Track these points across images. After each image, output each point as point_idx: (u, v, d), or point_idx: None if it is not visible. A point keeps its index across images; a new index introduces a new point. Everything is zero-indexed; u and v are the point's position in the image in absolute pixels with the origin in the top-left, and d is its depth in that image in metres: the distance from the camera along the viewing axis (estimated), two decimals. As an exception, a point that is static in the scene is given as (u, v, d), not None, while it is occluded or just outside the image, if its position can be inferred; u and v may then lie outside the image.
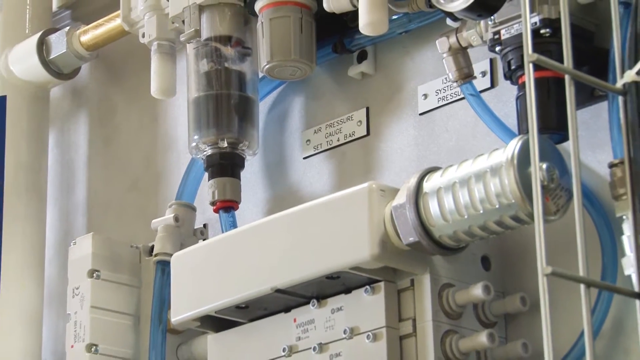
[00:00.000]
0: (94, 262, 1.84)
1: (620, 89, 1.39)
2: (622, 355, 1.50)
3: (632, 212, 1.36)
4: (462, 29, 1.62)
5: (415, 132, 1.75)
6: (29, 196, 2.05)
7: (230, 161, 1.80)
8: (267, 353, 1.64)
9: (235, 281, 1.64)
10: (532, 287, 1.52)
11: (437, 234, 1.50)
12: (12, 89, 2.09)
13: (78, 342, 1.82)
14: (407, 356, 1.54)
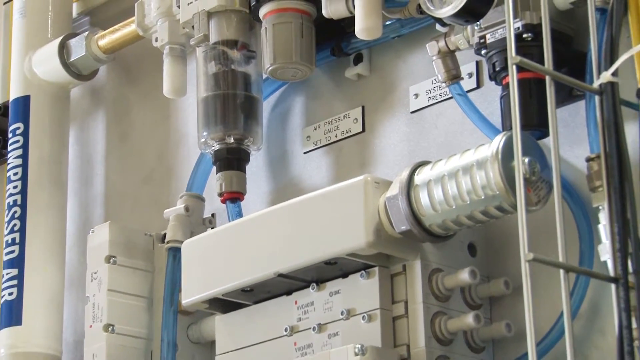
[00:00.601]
0: (111, 248, 1.84)
1: (597, 89, 1.38)
2: (598, 335, 1.50)
3: (608, 202, 1.36)
4: (451, 33, 1.62)
5: (407, 128, 1.75)
6: (51, 188, 2.05)
7: (236, 156, 1.79)
8: (271, 332, 1.63)
9: (241, 266, 1.64)
10: (515, 272, 1.52)
11: (427, 222, 1.50)
12: (35, 89, 2.08)
13: (96, 322, 1.82)
14: (400, 336, 1.54)
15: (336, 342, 1.56)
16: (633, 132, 1.40)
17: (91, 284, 1.84)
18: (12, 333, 1.97)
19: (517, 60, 1.32)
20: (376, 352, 1.50)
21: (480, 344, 1.56)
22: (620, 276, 1.33)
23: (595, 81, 1.38)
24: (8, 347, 1.96)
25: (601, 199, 1.42)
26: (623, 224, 1.34)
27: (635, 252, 1.33)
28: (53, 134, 2.07)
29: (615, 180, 1.35)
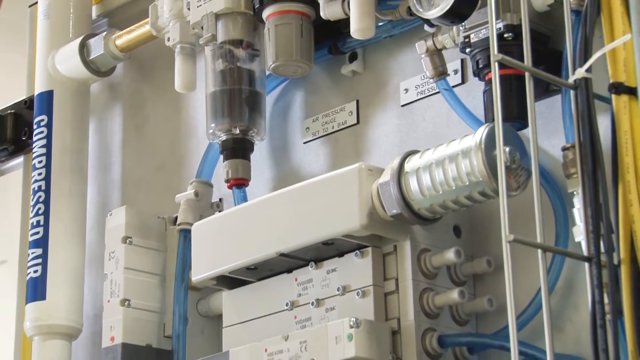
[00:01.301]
0: (127, 230, 1.84)
1: (572, 84, 1.38)
2: (573, 309, 1.50)
3: (582, 188, 1.36)
4: (438, 33, 1.61)
5: (398, 121, 1.74)
6: (72, 175, 2.04)
7: (241, 145, 1.79)
8: (273, 307, 1.63)
9: (246, 246, 1.64)
10: (496, 251, 1.53)
11: (416, 206, 1.50)
12: (58, 85, 2.07)
13: (113, 297, 1.82)
14: (391, 310, 1.53)
15: (333, 316, 1.56)
16: (605, 123, 1.38)
17: (109, 263, 1.84)
18: (37, 307, 1.96)
19: (499, 58, 1.32)
20: (369, 325, 1.50)
21: (464, 317, 1.56)
22: (593, 255, 1.33)
23: (571, 77, 1.38)
24: (33, 320, 1.96)
25: (575, 184, 1.42)
26: (596, 207, 1.34)
27: (607, 234, 1.33)
28: (74, 126, 2.07)
29: (588, 168, 1.35)
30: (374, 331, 1.50)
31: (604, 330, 1.30)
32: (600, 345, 1.30)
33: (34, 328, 1.96)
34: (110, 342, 1.80)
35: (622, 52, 1.36)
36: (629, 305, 1.31)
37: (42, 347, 1.95)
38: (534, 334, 1.46)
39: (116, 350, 1.78)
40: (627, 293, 1.31)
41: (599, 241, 1.33)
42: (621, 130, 1.34)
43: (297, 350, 1.54)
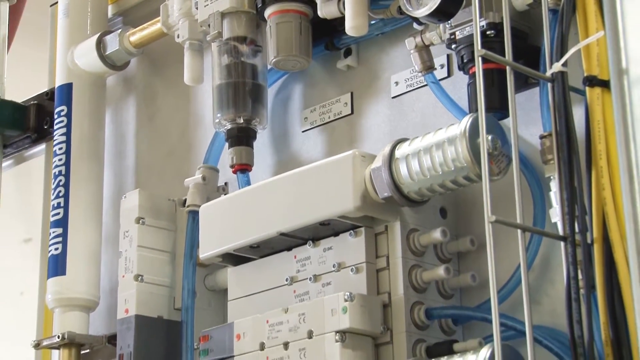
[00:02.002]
0: (140, 211, 1.83)
1: (549, 77, 1.38)
2: (549, 284, 1.49)
3: (558, 173, 1.36)
4: (426, 31, 1.61)
5: (388, 111, 1.73)
6: (90, 161, 2.03)
7: (245, 134, 1.78)
8: (274, 282, 1.63)
9: (249, 227, 1.63)
10: (479, 231, 1.53)
11: (405, 190, 1.49)
12: (76, 78, 2.06)
13: (128, 273, 1.81)
14: (382, 285, 1.53)
15: (329, 290, 1.55)
16: (579, 114, 1.38)
17: (124, 241, 1.84)
18: (57, 282, 1.96)
19: (482, 53, 1.32)
20: (362, 298, 1.50)
21: (449, 291, 1.55)
22: (568, 235, 1.33)
23: (548, 71, 1.38)
24: (54, 293, 1.95)
25: (552, 170, 1.42)
26: (571, 191, 1.34)
27: (581, 215, 1.34)
28: (91, 115, 2.06)
29: (564, 154, 1.35)
30: (366, 304, 1.50)
31: (578, 303, 1.30)
32: (574, 317, 1.30)
33: (55, 301, 1.95)
34: (125, 314, 1.79)
35: (596, 48, 1.36)
36: (601, 281, 1.31)
37: (63, 318, 1.95)
38: (513, 306, 1.46)
39: (130, 321, 1.78)
40: (599, 269, 1.31)
41: (574, 222, 1.33)
42: (594, 120, 1.34)
43: (296, 321, 1.54)
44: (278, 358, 1.54)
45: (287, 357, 1.53)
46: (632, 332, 1.27)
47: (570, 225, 1.33)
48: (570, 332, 1.29)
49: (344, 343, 1.48)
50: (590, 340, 1.29)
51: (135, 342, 1.76)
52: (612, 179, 1.31)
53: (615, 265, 1.30)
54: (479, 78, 1.32)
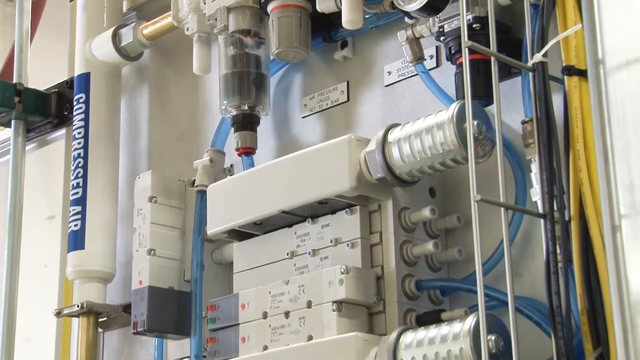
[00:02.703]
0: (153, 191, 1.83)
1: (531, 67, 1.38)
2: (529, 258, 1.49)
3: (538, 155, 1.36)
4: (416, 24, 1.61)
5: (382, 99, 1.72)
6: (106, 144, 2.03)
7: (249, 119, 1.77)
8: (276, 256, 1.62)
9: (253, 205, 1.63)
10: (465, 209, 1.52)
11: (397, 171, 1.49)
12: (94, 68, 2.05)
13: (141, 247, 1.81)
14: (376, 259, 1.53)
15: (327, 264, 1.55)
16: (558, 101, 1.38)
17: (137, 218, 1.83)
18: (77, 255, 1.95)
19: (469, 45, 1.32)
20: (357, 271, 1.49)
21: (438, 265, 1.55)
22: (547, 213, 1.33)
23: (530, 61, 1.38)
24: (74, 266, 1.95)
25: (533, 153, 1.41)
26: (550, 172, 1.34)
27: (559, 194, 1.33)
28: (108, 102, 2.05)
29: (544, 138, 1.35)
30: (361, 277, 1.49)
31: (557, 276, 1.30)
32: (553, 289, 1.29)
33: (75, 273, 1.95)
34: (139, 285, 1.79)
35: (574, 40, 1.36)
36: (577, 255, 1.31)
37: (82, 289, 1.95)
38: (496, 279, 1.45)
39: (143, 292, 1.78)
40: (576, 245, 1.31)
41: (553, 201, 1.33)
42: (572, 107, 1.34)
43: (296, 292, 1.53)
44: (279, 326, 1.54)
45: (287, 325, 1.53)
46: (607, 303, 1.26)
47: (550, 204, 1.32)
48: (549, 302, 1.29)
49: (340, 312, 1.48)
50: (567, 310, 1.29)
51: (148, 311, 1.76)
52: (588, 161, 1.31)
53: (591, 240, 1.30)
54: (466, 68, 1.32)
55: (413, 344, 1.40)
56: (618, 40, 1.29)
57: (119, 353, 1.99)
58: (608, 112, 1.26)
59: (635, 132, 1.27)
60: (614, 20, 1.29)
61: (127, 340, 1.98)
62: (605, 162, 1.24)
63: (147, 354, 1.93)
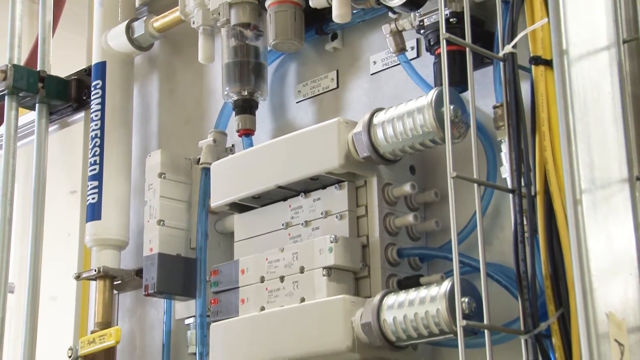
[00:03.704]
0: (162, 168, 1.81)
1: (501, 57, 1.37)
2: (499, 229, 1.49)
3: (507, 137, 1.35)
4: (399, 18, 1.59)
5: (368, 85, 1.71)
6: (121, 127, 2.01)
7: (249, 104, 1.76)
8: (272, 226, 1.61)
9: (252, 180, 1.62)
10: (442, 185, 1.52)
11: (382, 151, 1.48)
12: (109, 57, 2.03)
13: (152, 218, 1.80)
14: (362, 229, 1.52)
15: (317, 234, 1.54)
16: (526, 87, 1.37)
17: (148, 192, 1.82)
18: (94, 225, 1.94)
19: (446, 37, 1.31)
20: (345, 240, 1.49)
21: (417, 235, 1.54)
22: (516, 188, 1.32)
23: (501, 52, 1.37)
24: (92, 235, 1.94)
25: (503, 134, 1.41)
26: (518, 152, 1.33)
27: (526, 172, 1.33)
28: (122, 88, 2.02)
29: (513, 122, 1.34)
30: (348, 245, 1.49)
31: (523, 245, 1.29)
32: (520, 256, 1.29)
33: (92, 241, 1.94)
34: (150, 252, 1.78)
35: (540, 33, 1.35)
36: (542, 226, 1.31)
37: (99, 255, 1.94)
38: (469, 247, 1.45)
39: (154, 258, 1.77)
40: (541, 217, 1.31)
41: (521, 177, 1.32)
42: (538, 93, 1.33)
43: (290, 259, 1.53)
44: (275, 289, 1.54)
45: (282, 288, 1.53)
46: (568, 268, 1.26)
47: (518, 180, 1.32)
48: (517, 268, 1.29)
49: (330, 277, 1.47)
50: (532, 275, 1.29)
51: (158, 275, 1.75)
52: (552, 142, 1.31)
53: (554, 213, 1.29)
54: (443, 58, 1.31)
55: (395, 305, 1.40)
56: (580, 32, 1.28)
57: (132, 313, 1.99)
58: (571, 97, 1.25)
59: (594, 115, 1.27)
60: (576, 14, 1.28)
61: (139, 301, 1.97)
62: (568, 142, 1.23)
63: (157, 314, 1.93)
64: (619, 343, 1.19)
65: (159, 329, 1.90)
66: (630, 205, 1.27)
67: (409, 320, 1.38)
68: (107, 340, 1.85)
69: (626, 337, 1.20)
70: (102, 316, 1.90)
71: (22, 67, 2.13)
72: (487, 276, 1.27)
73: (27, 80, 2.12)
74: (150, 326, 1.95)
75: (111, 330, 1.85)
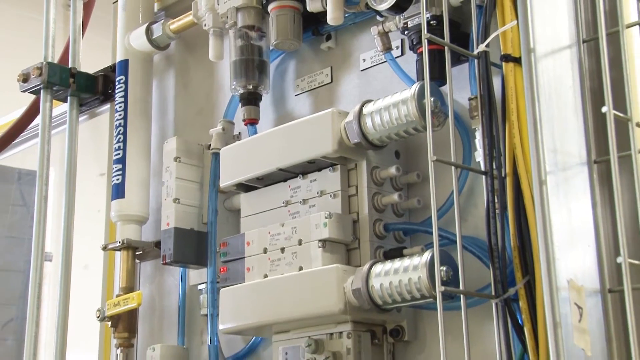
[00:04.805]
0: (177, 153, 1.79)
1: (476, 55, 1.35)
2: (473, 207, 1.47)
3: (481, 125, 1.33)
4: (386, 21, 1.57)
5: (358, 80, 1.68)
6: (141, 117, 1.98)
7: (253, 96, 1.73)
8: (274, 204, 1.59)
9: (256, 163, 1.59)
10: (424, 168, 1.51)
11: (370, 138, 1.47)
12: (131, 56, 2.00)
13: (168, 197, 1.78)
14: (352, 206, 1.50)
15: (314, 210, 1.52)
16: (497, 82, 1.35)
17: (165, 174, 1.79)
18: (118, 203, 1.92)
19: (428, 37, 1.28)
20: (338, 216, 1.47)
21: (401, 211, 1.52)
22: (488, 170, 1.31)
23: (475, 50, 1.35)
24: (116, 211, 1.92)
25: (477, 123, 1.39)
26: (490, 138, 1.32)
27: (497, 156, 1.32)
28: (142, 83, 2.00)
29: (486, 112, 1.33)
30: (341, 220, 1.47)
31: (495, 220, 1.28)
32: (491, 230, 1.28)
33: (117, 216, 1.92)
34: (167, 226, 1.76)
35: (510, 34, 1.33)
36: (511, 204, 1.29)
37: (123, 229, 1.92)
38: (447, 222, 1.43)
39: (170, 232, 1.75)
40: (510, 196, 1.29)
41: (492, 161, 1.31)
42: (508, 87, 1.32)
43: (290, 233, 1.51)
44: (276, 259, 1.52)
45: (283, 258, 1.51)
46: (534, 241, 1.25)
47: (490, 164, 1.30)
48: (489, 240, 1.27)
49: (325, 248, 1.46)
50: (502, 247, 1.27)
51: (174, 246, 1.73)
52: (520, 130, 1.29)
53: (522, 192, 1.28)
54: (425, 56, 1.29)
55: (381, 273, 1.39)
56: (545, 33, 1.26)
57: (152, 279, 1.97)
58: (537, 90, 1.23)
59: (557, 106, 1.25)
60: (542, 17, 1.26)
61: (158, 269, 1.96)
62: (534, 130, 1.21)
63: (174, 280, 1.91)
64: (578, 306, 1.18)
65: (175, 293, 1.88)
66: (588, 185, 1.26)
67: (394, 287, 1.36)
68: (130, 303, 1.84)
69: (584, 301, 1.19)
70: (125, 282, 1.89)
71: (56, 64, 2.11)
72: (462, 248, 1.26)
73: (60, 76, 2.10)
74: (168, 291, 1.93)
75: (133, 294, 1.84)
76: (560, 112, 1.25)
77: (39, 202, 2.05)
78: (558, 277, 1.16)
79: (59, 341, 1.96)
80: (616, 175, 1.21)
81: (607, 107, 1.22)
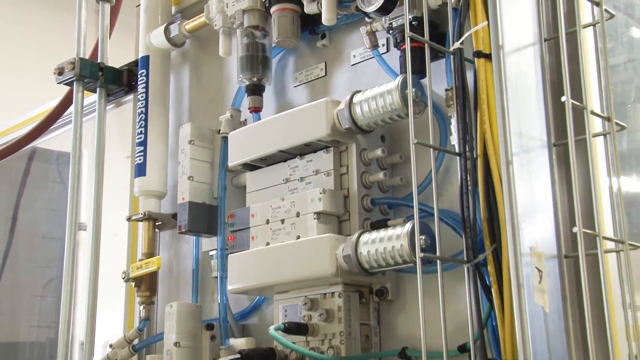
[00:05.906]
0: (192, 136, 1.77)
1: (452, 51, 1.33)
2: (448, 183, 1.45)
3: (456, 113, 1.32)
4: (373, 22, 1.55)
5: (349, 74, 1.66)
6: (160, 105, 1.95)
7: (258, 88, 1.71)
8: (275, 181, 1.57)
9: (260, 146, 1.58)
10: (405, 150, 1.49)
11: (359, 123, 1.45)
12: (152, 52, 1.97)
13: (184, 175, 1.76)
14: (344, 183, 1.49)
15: (310, 187, 1.51)
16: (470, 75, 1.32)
17: (181, 155, 1.77)
18: (141, 180, 1.89)
19: (410, 35, 1.26)
20: (331, 192, 1.46)
21: (386, 188, 1.51)
22: (462, 152, 1.29)
23: (451, 47, 1.33)
24: (139, 187, 1.90)
25: (452, 111, 1.37)
26: (464, 124, 1.30)
27: (470, 139, 1.30)
28: (162, 76, 1.97)
29: (460, 101, 1.31)
30: (333, 196, 1.46)
31: (467, 196, 1.27)
32: (464, 204, 1.27)
33: (139, 192, 1.90)
34: (182, 201, 1.74)
35: (482, 33, 1.31)
36: (481, 181, 1.28)
37: (144, 202, 1.90)
38: (426, 197, 1.42)
39: (185, 205, 1.73)
40: (481, 174, 1.28)
41: (465, 144, 1.29)
42: (480, 79, 1.30)
43: (289, 206, 1.50)
44: (277, 229, 1.51)
45: (283, 228, 1.50)
46: (501, 214, 1.24)
47: (463, 146, 1.29)
48: (462, 213, 1.26)
49: (319, 220, 1.45)
50: (474, 219, 1.26)
51: (188, 218, 1.72)
52: (490, 117, 1.27)
53: (491, 171, 1.26)
54: (407, 52, 1.28)
55: (368, 241, 1.37)
56: (512, 32, 1.24)
57: (170, 246, 1.96)
58: (505, 83, 1.21)
59: (522, 97, 1.24)
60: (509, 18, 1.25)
61: (175, 238, 1.94)
62: (502, 117, 1.20)
63: (188, 247, 1.90)
64: (539, 269, 1.17)
65: (189, 258, 1.87)
66: (548, 165, 1.24)
67: (379, 253, 1.35)
68: (150, 266, 1.83)
69: (544, 265, 1.18)
70: (147, 248, 1.87)
71: (87, 59, 2.08)
72: (439, 219, 1.24)
73: (90, 69, 2.07)
74: (184, 256, 1.92)
75: (154, 259, 1.83)
76: (525, 101, 1.24)
77: (73, 179, 2.03)
78: (522, 244, 1.15)
79: (91, 299, 1.95)
80: (573, 157, 1.20)
81: (565, 96, 1.21)
